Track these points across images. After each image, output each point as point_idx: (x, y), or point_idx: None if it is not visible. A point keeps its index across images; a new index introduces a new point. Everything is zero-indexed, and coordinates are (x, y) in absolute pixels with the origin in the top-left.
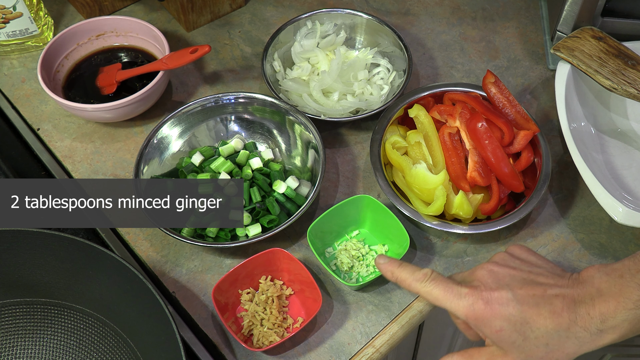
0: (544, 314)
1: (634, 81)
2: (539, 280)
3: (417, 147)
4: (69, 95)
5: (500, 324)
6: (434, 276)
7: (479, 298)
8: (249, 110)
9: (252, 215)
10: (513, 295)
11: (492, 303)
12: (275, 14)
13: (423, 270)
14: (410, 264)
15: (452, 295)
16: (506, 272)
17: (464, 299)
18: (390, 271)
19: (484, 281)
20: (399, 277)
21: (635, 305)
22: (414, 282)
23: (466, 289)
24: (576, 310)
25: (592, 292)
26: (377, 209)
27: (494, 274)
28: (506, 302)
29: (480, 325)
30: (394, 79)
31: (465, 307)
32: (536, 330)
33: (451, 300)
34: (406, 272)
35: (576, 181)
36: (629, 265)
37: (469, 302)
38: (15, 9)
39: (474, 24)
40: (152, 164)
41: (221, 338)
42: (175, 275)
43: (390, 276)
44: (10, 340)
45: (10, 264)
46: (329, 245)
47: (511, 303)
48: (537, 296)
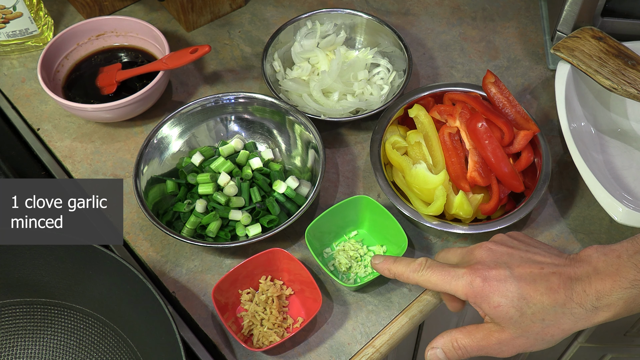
0: (540, 290)
1: (634, 81)
2: (537, 259)
3: (417, 147)
4: (69, 95)
5: (498, 299)
6: (429, 264)
7: (477, 276)
8: (249, 110)
9: (252, 215)
10: (511, 273)
11: (490, 280)
12: (275, 14)
13: (417, 260)
14: (404, 258)
15: (450, 277)
16: (504, 250)
17: (462, 278)
18: (387, 269)
19: (482, 260)
20: (396, 272)
21: (632, 285)
22: (411, 273)
23: (463, 269)
24: (572, 287)
25: (589, 270)
26: (376, 209)
27: (492, 252)
28: (504, 279)
29: (478, 302)
30: (394, 79)
31: (464, 285)
32: (533, 306)
33: (450, 283)
34: (402, 266)
35: (576, 181)
36: (627, 247)
37: (467, 280)
38: (15, 9)
39: (474, 24)
40: (152, 164)
41: (221, 338)
42: (175, 275)
43: (388, 274)
44: (10, 340)
45: (10, 264)
46: (327, 246)
47: (509, 280)
48: (534, 273)
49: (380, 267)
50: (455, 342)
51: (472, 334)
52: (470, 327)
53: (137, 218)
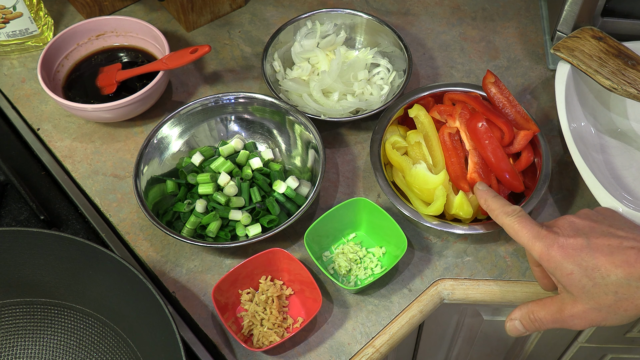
0: (616, 263)
1: (634, 81)
2: (618, 233)
3: (417, 147)
4: (69, 95)
5: (571, 267)
6: (521, 214)
7: (555, 242)
8: (249, 110)
9: (252, 215)
10: (588, 243)
11: (566, 248)
12: (275, 14)
13: (513, 206)
14: (503, 198)
15: (532, 234)
16: (587, 224)
17: (542, 240)
18: (485, 198)
19: (563, 229)
20: (490, 205)
21: None
22: (502, 214)
23: (545, 231)
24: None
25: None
26: (374, 211)
27: (574, 225)
28: (580, 248)
29: (551, 268)
30: (394, 79)
31: (541, 247)
32: (606, 277)
33: (529, 239)
34: (497, 204)
35: (576, 181)
36: None
37: (545, 243)
38: (15, 9)
39: (474, 24)
40: (152, 164)
41: (221, 338)
42: (175, 275)
43: (483, 203)
44: (10, 340)
45: (10, 264)
46: (326, 249)
47: (585, 249)
48: (612, 246)
49: (479, 194)
50: (532, 314)
51: (547, 306)
52: (545, 299)
53: (137, 218)
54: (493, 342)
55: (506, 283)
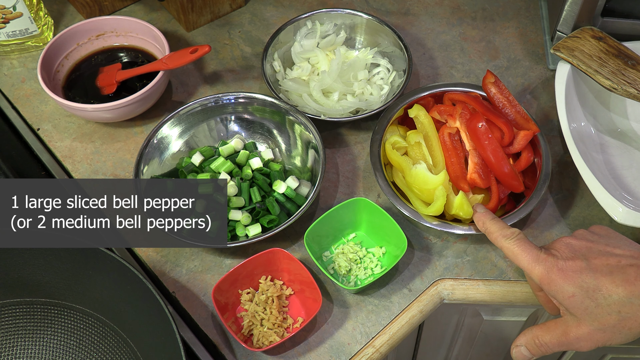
0: (616, 282)
1: (634, 81)
2: (615, 252)
3: (417, 147)
4: (69, 95)
5: (573, 290)
6: (520, 237)
7: (554, 265)
8: (249, 110)
9: (252, 215)
10: (587, 264)
11: (566, 270)
12: (275, 14)
13: (512, 229)
14: (501, 220)
15: (531, 257)
16: (583, 244)
17: (541, 263)
18: (482, 221)
19: (561, 251)
20: (488, 228)
21: None
22: (501, 237)
23: (545, 255)
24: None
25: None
26: (373, 211)
27: (571, 246)
28: (579, 270)
29: (553, 291)
30: (394, 79)
31: (541, 271)
32: (608, 297)
33: (529, 262)
34: (496, 226)
35: (576, 181)
36: None
37: (545, 267)
38: (15, 9)
39: (474, 24)
40: (152, 164)
41: (221, 338)
42: (175, 275)
43: (481, 225)
44: (10, 340)
45: (10, 264)
46: (326, 249)
47: (585, 271)
48: (611, 265)
49: (477, 217)
50: (537, 339)
51: (551, 330)
52: (549, 323)
53: None
54: (493, 342)
55: (506, 283)
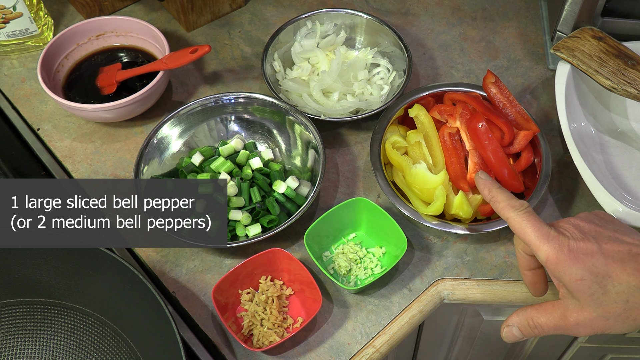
0: (628, 270)
1: (634, 81)
2: (625, 239)
3: (417, 147)
4: (69, 95)
5: (582, 273)
6: (529, 210)
7: (565, 244)
8: (249, 110)
9: (252, 215)
10: (599, 248)
11: (577, 252)
12: (275, 14)
13: (520, 200)
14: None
15: (540, 233)
16: (592, 227)
17: (551, 241)
18: (489, 189)
19: (570, 231)
20: (495, 197)
21: None
22: (508, 207)
23: (555, 232)
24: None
25: None
26: (373, 211)
27: (580, 228)
28: (591, 253)
29: (559, 272)
30: (394, 79)
31: (549, 250)
32: (618, 285)
33: (537, 239)
34: (503, 195)
35: (576, 181)
36: None
37: (555, 245)
38: (15, 9)
39: (474, 24)
40: (152, 164)
41: (221, 338)
42: (175, 275)
43: (487, 193)
44: (10, 340)
45: (10, 264)
46: (326, 249)
47: (596, 255)
48: (622, 252)
49: (482, 183)
50: (531, 320)
51: (548, 312)
52: (545, 304)
53: None
54: (493, 342)
55: (506, 283)
